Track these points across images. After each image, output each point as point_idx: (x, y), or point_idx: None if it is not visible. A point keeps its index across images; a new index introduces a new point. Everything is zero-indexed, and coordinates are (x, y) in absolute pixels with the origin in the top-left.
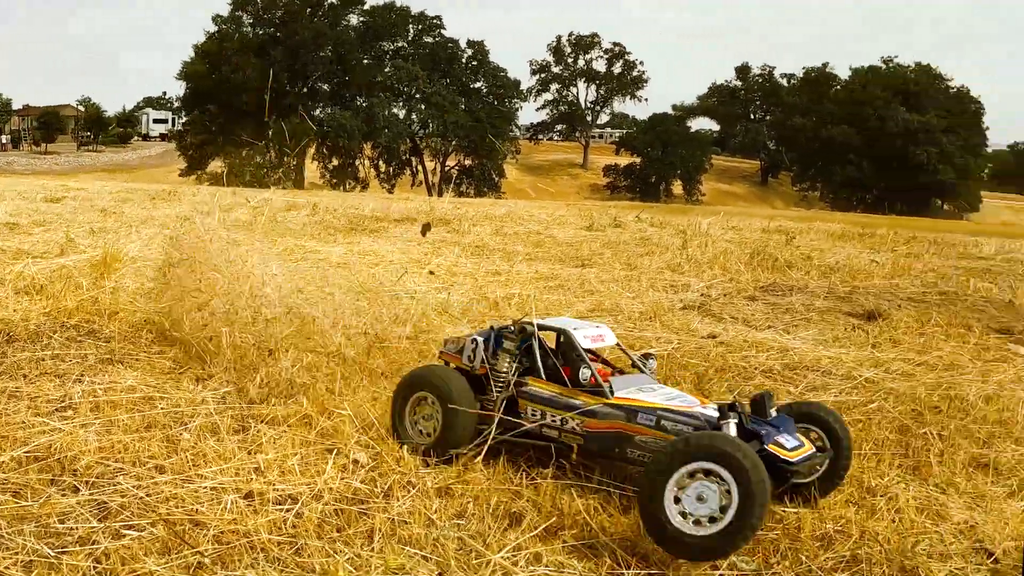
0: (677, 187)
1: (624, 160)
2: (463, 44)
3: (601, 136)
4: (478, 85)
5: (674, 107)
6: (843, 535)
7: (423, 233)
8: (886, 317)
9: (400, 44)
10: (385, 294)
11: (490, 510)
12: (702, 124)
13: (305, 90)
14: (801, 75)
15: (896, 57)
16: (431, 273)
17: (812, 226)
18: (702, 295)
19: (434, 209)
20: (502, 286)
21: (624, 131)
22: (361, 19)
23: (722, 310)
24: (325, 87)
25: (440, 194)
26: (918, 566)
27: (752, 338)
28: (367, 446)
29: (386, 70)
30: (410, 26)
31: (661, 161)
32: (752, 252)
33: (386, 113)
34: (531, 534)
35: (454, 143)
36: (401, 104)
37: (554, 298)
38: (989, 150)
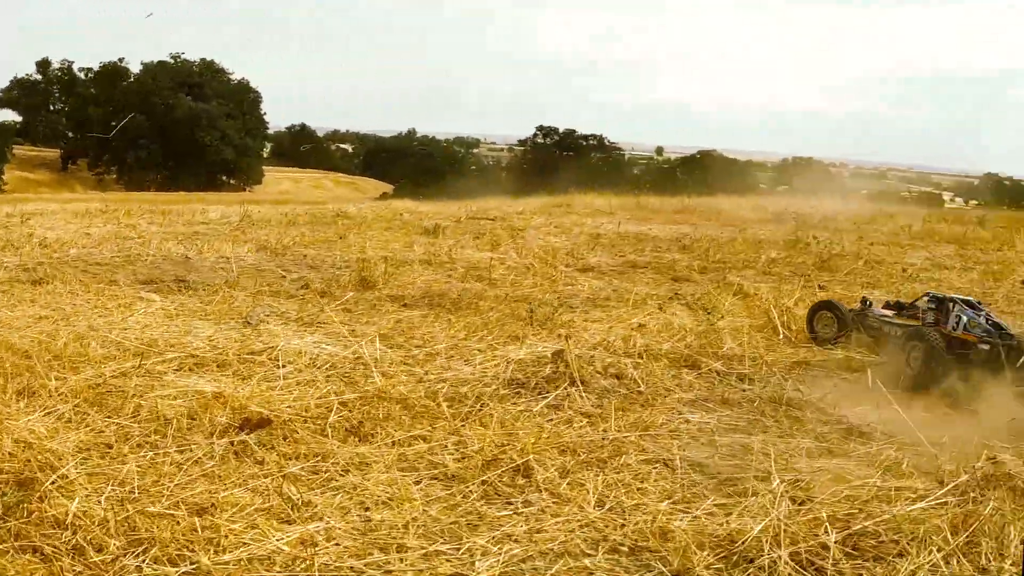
0: None
1: None
2: None
3: None
4: None
5: None
6: None
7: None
8: (50, 281)
9: None
10: None
11: None
12: (5, 116)
13: None
14: (97, 69)
15: (184, 53)
16: None
17: (66, 207)
18: None
19: None
20: None
21: None
22: None
23: None
24: None
25: None
26: None
27: None
28: None
29: None
30: None
31: None
32: None
33: None
34: None
35: None
36: None
37: None
38: (270, 131)
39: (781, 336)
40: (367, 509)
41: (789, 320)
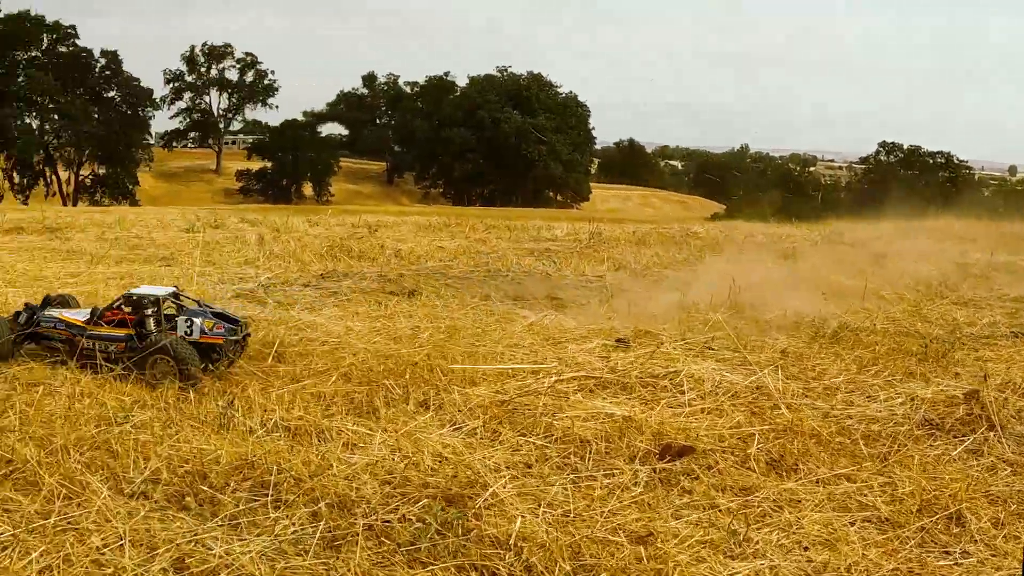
0: (308, 188)
1: (256, 165)
2: (97, 54)
3: (234, 142)
4: (112, 94)
5: (305, 113)
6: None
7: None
8: (421, 293)
9: (34, 53)
10: None
11: None
12: (332, 129)
13: None
14: (423, 83)
15: (510, 67)
16: None
17: (406, 219)
18: (260, 284)
19: (47, 217)
20: (74, 286)
21: (256, 137)
22: None
23: (271, 296)
24: None
25: (75, 203)
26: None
27: (281, 317)
28: None
29: (19, 80)
30: (44, 35)
31: (292, 164)
32: (331, 245)
33: (18, 123)
34: None
35: (88, 152)
36: (34, 115)
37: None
38: (597, 147)
39: None
40: (806, 549)
41: None
